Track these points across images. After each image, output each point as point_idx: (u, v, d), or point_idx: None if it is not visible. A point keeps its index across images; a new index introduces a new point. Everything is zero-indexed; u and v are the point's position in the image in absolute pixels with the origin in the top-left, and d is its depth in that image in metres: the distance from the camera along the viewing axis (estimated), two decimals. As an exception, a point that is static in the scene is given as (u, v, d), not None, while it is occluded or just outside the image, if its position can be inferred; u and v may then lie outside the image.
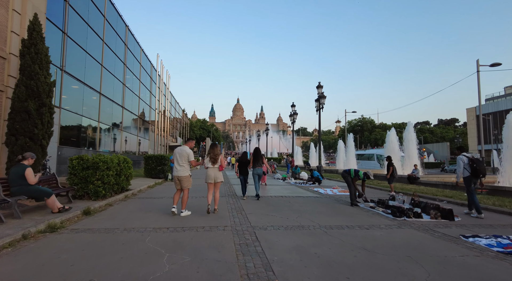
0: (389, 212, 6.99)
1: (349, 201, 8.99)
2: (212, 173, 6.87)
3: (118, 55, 24.11)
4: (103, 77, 21.15)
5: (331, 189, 12.30)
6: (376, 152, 35.59)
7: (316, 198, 9.82)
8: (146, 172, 16.06)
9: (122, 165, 9.08)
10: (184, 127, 65.40)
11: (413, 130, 19.13)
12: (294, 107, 32.04)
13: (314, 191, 11.89)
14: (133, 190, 10.21)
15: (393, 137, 20.11)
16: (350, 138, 28.17)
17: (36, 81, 9.22)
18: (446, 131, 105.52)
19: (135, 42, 28.71)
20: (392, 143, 19.95)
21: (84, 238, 4.61)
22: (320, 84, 23.56)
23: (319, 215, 6.76)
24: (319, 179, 14.48)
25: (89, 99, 19.89)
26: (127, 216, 6.28)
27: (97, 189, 7.60)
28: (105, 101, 22.07)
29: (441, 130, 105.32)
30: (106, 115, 22.51)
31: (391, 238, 4.87)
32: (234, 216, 6.51)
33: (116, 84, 24.20)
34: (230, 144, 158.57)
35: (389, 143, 20.03)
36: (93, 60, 19.53)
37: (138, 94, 29.65)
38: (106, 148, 22.56)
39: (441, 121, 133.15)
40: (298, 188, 12.87)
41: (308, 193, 11.23)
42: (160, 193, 10.43)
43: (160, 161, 15.89)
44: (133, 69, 28.50)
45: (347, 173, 8.53)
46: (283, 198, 9.62)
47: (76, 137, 18.07)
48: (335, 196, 10.46)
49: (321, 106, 22.74)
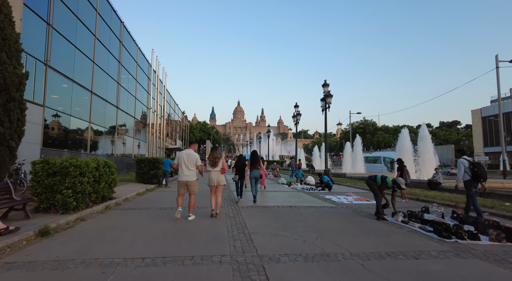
0: (430, 230, 5.53)
1: (370, 212, 7.55)
2: (214, 176, 6.84)
3: (112, 53, 22.78)
4: (95, 75, 19.80)
5: (345, 197, 10.84)
6: (383, 154, 34.02)
7: (332, 208, 8.35)
8: (138, 177, 14.62)
9: (102, 170, 7.65)
10: (184, 130, 64.01)
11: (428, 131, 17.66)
12: (298, 107, 30.64)
13: (326, 199, 10.43)
14: (117, 199, 8.77)
15: (405, 138, 18.64)
16: (357, 140, 26.67)
17: (2, 72, 7.82)
18: (449, 133, 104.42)
19: (131, 40, 27.40)
20: (405, 144, 18.48)
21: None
22: (326, 82, 22.15)
23: (343, 234, 5.30)
24: (329, 184, 13.02)
25: (79, 98, 18.51)
26: (96, 237, 4.83)
27: (66, 199, 6.16)
28: (98, 101, 20.71)
29: (444, 133, 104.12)
30: (98, 116, 21.13)
31: (459, 276, 3.42)
32: (234, 236, 5.05)
33: (110, 83, 22.85)
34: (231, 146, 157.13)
35: (402, 144, 18.55)
36: (83, 56, 18.18)
37: (134, 95, 28.29)
38: (99, 151, 21.15)
39: (442, 123, 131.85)
40: (307, 195, 11.40)
41: (320, 201, 9.77)
42: (149, 202, 8.98)
43: (153, 164, 14.45)
44: (129, 68, 27.17)
45: (372, 179, 7.09)
46: (292, 208, 8.16)
47: (63, 139, 16.67)
48: (352, 205, 8.99)
49: (328, 106, 21.31)
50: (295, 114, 30.62)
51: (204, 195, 9.78)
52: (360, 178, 19.40)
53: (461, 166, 7.00)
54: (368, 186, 7.20)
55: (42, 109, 13.67)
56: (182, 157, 6.46)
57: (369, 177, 7.29)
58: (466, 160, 7.00)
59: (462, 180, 7.06)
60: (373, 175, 7.30)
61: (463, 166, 6.96)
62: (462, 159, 7.05)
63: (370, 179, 7.17)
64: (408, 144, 18.53)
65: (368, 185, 7.15)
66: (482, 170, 6.79)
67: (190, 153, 6.52)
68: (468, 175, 6.92)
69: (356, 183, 16.86)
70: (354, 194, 11.58)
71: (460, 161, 7.06)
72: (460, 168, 7.01)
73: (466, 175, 6.95)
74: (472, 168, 6.87)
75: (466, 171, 6.95)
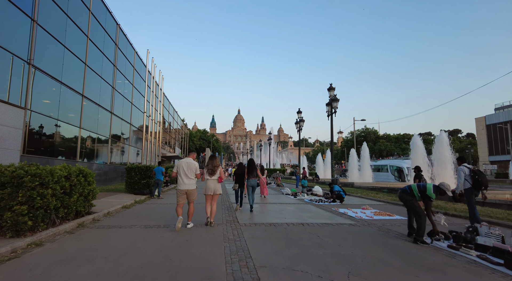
0: (498, 262, 4.14)
1: (399, 231, 6.16)
2: (211, 185, 6.78)
3: (106, 55, 21.67)
4: (87, 78, 18.62)
5: (362, 211, 9.43)
6: (390, 162, 32.51)
7: (352, 226, 6.94)
8: (127, 187, 13.20)
9: (74, 180, 6.29)
10: (184, 137, 62.70)
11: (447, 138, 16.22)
12: (301, 113, 29.44)
13: (341, 213, 9.01)
14: (96, 214, 7.38)
15: (419, 145, 17.27)
16: (364, 147, 25.27)
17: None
18: (452, 142, 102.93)
19: (127, 43, 26.35)
20: (418, 150, 17.09)
21: None
22: (332, 86, 20.98)
23: (383, 268, 3.90)
24: (341, 195, 11.60)
25: (68, 102, 17.27)
26: (37, 278, 3.43)
27: (17, 218, 4.78)
28: (90, 105, 19.48)
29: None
30: (90, 122, 19.87)
31: None
32: (235, 273, 3.64)
33: (104, 87, 21.66)
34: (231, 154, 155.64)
35: (416, 151, 17.14)
36: (74, 58, 17.02)
37: (131, 100, 27.11)
38: (91, 158, 19.80)
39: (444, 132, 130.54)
40: (318, 209, 9.98)
41: (335, 216, 8.35)
42: (134, 218, 7.57)
43: (145, 173, 13.06)
44: (126, 72, 26.04)
45: (408, 193, 5.69)
46: (305, 226, 6.75)
47: (49, 146, 15.35)
48: (374, 221, 7.59)
49: (334, 111, 20.06)
50: (298, 121, 29.39)
51: (197, 209, 8.38)
52: (370, 188, 17.98)
53: (461, 173, 6.84)
54: (404, 203, 5.78)
55: (24, 112, 12.38)
56: (182, 166, 6.43)
57: (402, 190, 5.89)
58: (466, 167, 6.86)
59: (462, 188, 6.84)
60: (406, 186, 5.91)
61: (463, 174, 6.81)
62: (463, 166, 6.93)
63: (404, 193, 5.76)
64: (422, 151, 17.16)
65: (405, 202, 5.72)
66: (483, 178, 6.61)
67: (189, 162, 6.50)
68: (469, 182, 6.75)
69: (368, 193, 15.43)
70: (370, 206, 10.16)
71: (460, 168, 6.94)
72: (460, 175, 6.85)
73: (466, 182, 6.77)
74: (473, 176, 6.70)
75: (466, 179, 6.78)
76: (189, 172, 6.39)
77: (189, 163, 6.46)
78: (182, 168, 6.39)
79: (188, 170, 6.38)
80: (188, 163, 6.45)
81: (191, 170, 6.41)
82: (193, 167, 6.45)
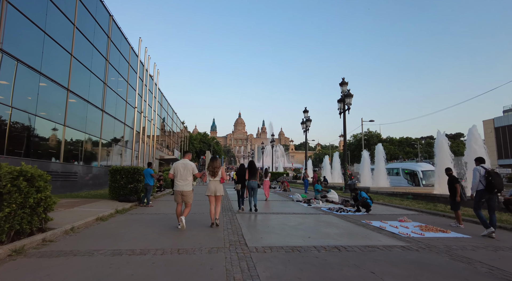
0: None
1: (487, 262, 4.17)
2: (212, 186, 6.81)
3: (97, 48, 19.78)
4: (73, 70, 16.70)
5: (401, 224, 7.41)
6: (402, 165, 30.40)
7: (408, 251, 4.90)
8: (111, 192, 11.16)
9: (8, 186, 4.31)
10: (184, 140, 60.72)
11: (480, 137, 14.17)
12: (307, 113, 27.46)
13: (377, 228, 6.98)
14: (53, 231, 5.38)
15: (444, 145, 15.23)
16: (378, 149, 23.17)
17: None
18: (456, 145, 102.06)
19: (121, 36, 24.48)
20: (445, 152, 15.05)
21: None
22: (344, 81, 19.01)
23: None
24: (368, 203, 9.56)
25: (49, 96, 15.34)
26: None
27: None
28: (77, 101, 17.57)
29: (451, 145, 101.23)
30: (77, 119, 17.93)
31: None
32: None
33: (94, 82, 19.74)
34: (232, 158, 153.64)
35: (441, 152, 15.08)
36: (56, 47, 15.13)
37: (125, 98, 25.18)
38: (78, 160, 17.82)
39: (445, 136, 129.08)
40: (345, 222, 7.94)
41: (373, 234, 6.30)
42: (103, 237, 5.56)
43: (133, 176, 11.03)
44: (120, 68, 24.15)
45: None
46: (343, 253, 4.71)
47: (26, 144, 13.41)
48: (431, 241, 5.55)
49: (348, 107, 18.08)
50: (304, 120, 27.40)
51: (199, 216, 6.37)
52: (390, 193, 15.96)
53: (477, 173, 6.49)
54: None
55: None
56: (179, 167, 6.44)
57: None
58: (482, 168, 6.51)
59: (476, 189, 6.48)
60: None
61: (479, 174, 6.46)
62: (479, 167, 6.57)
63: None
64: (447, 152, 15.12)
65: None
66: (497, 180, 6.22)
67: (186, 163, 6.52)
68: (482, 184, 6.37)
69: (391, 200, 13.40)
70: (410, 219, 8.11)
71: (476, 168, 6.59)
72: (476, 175, 6.50)
73: (480, 184, 6.42)
74: (487, 177, 6.31)
75: (480, 180, 6.41)
76: (186, 173, 6.37)
77: (185, 164, 6.47)
78: (178, 170, 6.38)
79: (185, 171, 6.37)
80: (184, 164, 6.45)
81: (188, 170, 6.41)
82: (190, 168, 6.46)
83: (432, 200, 12.74)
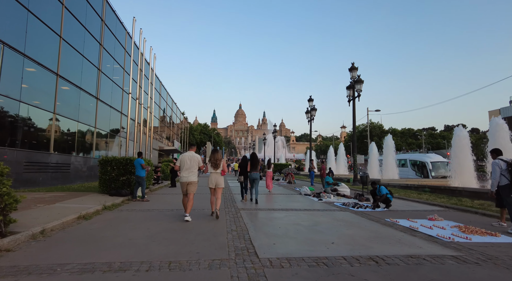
0: None
1: None
2: (213, 178, 6.90)
3: (90, 31, 18.47)
4: (62, 53, 15.49)
5: (434, 223, 6.34)
6: (409, 156, 29.27)
7: (466, 266, 3.79)
8: (101, 185, 10.09)
9: None
10: (184, 131, 59.57)
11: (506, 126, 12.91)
12: (312, 101, 26.23)
13: (408, 228, 5.90)
14: (15, 235, 4.32)
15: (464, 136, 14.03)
16: (387, 140, 22.01)
17: None
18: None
19: (117, 21, 23.07)
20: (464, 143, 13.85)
21: None
22: (354, 66, 17.74)
23: None
24: (388, 199, 8.49)
25: (36, 81, 14.18)
26: None
27: None
28: (68, 88, 16.42)
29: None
30: (69, 107, 16.82)
31: None
32: None
33: (87, 67, 18.53)
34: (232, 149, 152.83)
35: (460, 143, 13.88)
36: (42, 26, 13.88)
37: (121, 86, 23.93)
38: (73, 152, 16.76)
39: (447, 127, 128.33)
40: (367, 220, 6.86)
41: (408, 238, 5.20)
42: (79, 244, 4.49)
43: (125, 167, 9.94)
44: (115, 54, 22.85)
45: None
46: (382, 267, 3.60)
47: (11, 134, 12.35)
48: (485, 249, 4.47)
49: (358, 94, 16.86)
50: (309, 109, 26.19)
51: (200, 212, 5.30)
52: (404, 186, 14.91)
53: (497, 168, 6.03)
54: None
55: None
56: (185, 160, 6.59)
57: None
58: (502, 161, 6.05)
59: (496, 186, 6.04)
60: None
61: (499, 169, 6.00)
62: (498, 160, 6.10)
63: None
64: (467, 144, 13.92)
65: None
66: None
67: (192, 155, 6.71)
68: (507, 178, 5.89)
69: (409, 194, 12.34)
70: (439, 216, 7.03)
71: (495, 162, 6.11)
72: (496, 170, 6.03)
73: (503, 178, 5.93)
74: (511, 170, 5.86)
75: (503, 174, 5.94)
76: (193, 165, 6.54)
77: (191, 156, 6.66)
78: (185, 162, 6.53)
79: (191, 163, 6.54)
80: (191, 156, 6.63)
81: (195, 162, 6.58)
82: (196, 160, 6.66)
83: (453, 193, 11.67)
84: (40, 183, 13.71)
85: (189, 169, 6.50)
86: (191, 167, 6.52)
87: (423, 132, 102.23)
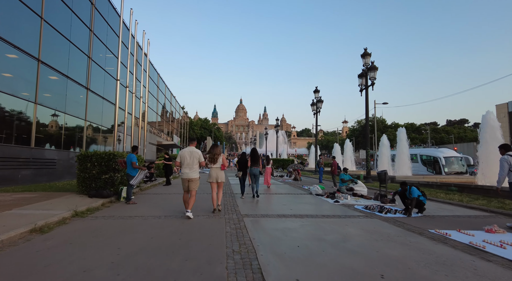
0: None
1: None
2: (214, 173, 6.92)
3: (77, 14, 16.88)
4: (44, 38, 13.93)
5: (505, 241, 4.83)
6: (420, 151, 27.71)
7: None
8: (80, 185, 8.58)
9: None
10: (184, 126, 58.04)
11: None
12: (318, 93, 24.64)
13: (475, 249, 4.37)
14: None
15: (495, 126, 12.45)
16: (400, 133, 20.47)
17: None
18: (463, 131, 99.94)
19: (109, 5, 21.41)
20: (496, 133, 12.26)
21: None
22: (367, 52, 16.10)
23: None
24: (422, 202, 6.97)
25: (14, 66, 12.67)
26: None
27: None
28: (53, 75, 14.89)
29: (458, 131, 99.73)
30: (54, 97, 15.34)
31: None
32: None
33: (75, 54, 16.96)
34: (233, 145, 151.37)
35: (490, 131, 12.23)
36: (21, 5, 12.33)
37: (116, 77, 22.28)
38: (55, 145, 15.27)
39: (449, 122, 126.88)
40: (408, 233, 5.37)
41: (482, 265, 3.67)
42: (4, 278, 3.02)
43: (108, 163, 8.43)
44: (108, 42, 21.26)
45: None
46: None
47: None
48: None
49: (372, 82, 15.27)
50: (315, 101, 24.61)
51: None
52: (423, 184, 13.42)
53: (505, 164, 5.80)
54: None
55: None
56: (185, 155, 6.41)
57: None
58: (511, 157, 5.78)
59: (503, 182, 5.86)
60: None
61: (507, 164, 5.77)
62: (507, 156, 5.86)
63: None
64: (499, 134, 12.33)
65: None
66: None
67: (192, 150, 6.50)
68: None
69: (435, 193, 10.82)
70: (489, 223, 5.52)
71: (504, 158, 5.87)
72: (503, 166, 5.80)
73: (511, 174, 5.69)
74: None
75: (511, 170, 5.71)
76: (193, 160, 6.38)
77: (192, 151, 6.47)
78: (185, 158, 6.38)
79: (192, 158, 6.37)
80: (191, 152, 6.45)
81: (195, 158, 6.41)
82: (197, 155, 6.47)
83: (486, 193, 10.16)
84: (19, 181, 12.29)
85: (190, 165, 6.31)
86: (192, 163, 6.33)
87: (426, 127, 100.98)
